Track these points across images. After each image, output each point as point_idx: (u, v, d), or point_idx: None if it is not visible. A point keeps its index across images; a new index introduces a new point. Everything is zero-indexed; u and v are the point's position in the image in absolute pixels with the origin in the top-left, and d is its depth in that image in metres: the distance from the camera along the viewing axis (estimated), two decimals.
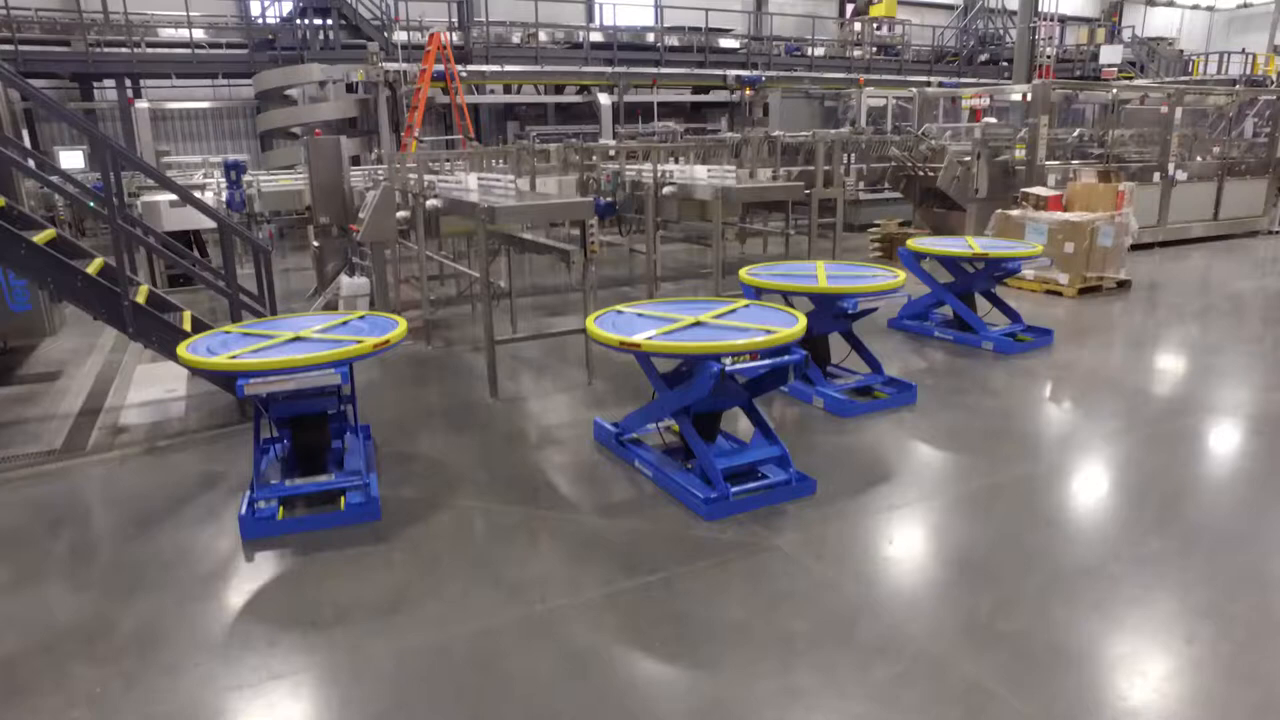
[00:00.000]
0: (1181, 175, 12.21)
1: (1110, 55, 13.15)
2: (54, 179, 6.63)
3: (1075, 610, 3.03)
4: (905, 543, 3.62)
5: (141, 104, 14.07)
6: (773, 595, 3.17)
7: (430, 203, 6.21)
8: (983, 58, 23.44)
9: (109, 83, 15.52)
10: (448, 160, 11.19)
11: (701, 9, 19.44)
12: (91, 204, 11.37)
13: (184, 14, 14.98)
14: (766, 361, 3.73)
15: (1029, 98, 10.86)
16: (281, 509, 3.85)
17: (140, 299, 5.14)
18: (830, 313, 5.11)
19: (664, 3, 21.54)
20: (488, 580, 3.35)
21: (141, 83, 15.71)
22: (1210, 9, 29.01)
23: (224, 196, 7.80)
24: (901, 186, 11.36)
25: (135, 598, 3.25)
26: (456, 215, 5.85)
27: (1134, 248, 11.50)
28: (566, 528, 3.76)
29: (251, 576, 3.42)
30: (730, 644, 2.87)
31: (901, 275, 5.26)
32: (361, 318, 4.46)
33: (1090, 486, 4.23)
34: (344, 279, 7.67)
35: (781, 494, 3.92)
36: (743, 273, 5.33)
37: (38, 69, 14.47)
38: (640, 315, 4.24)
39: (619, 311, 4.33)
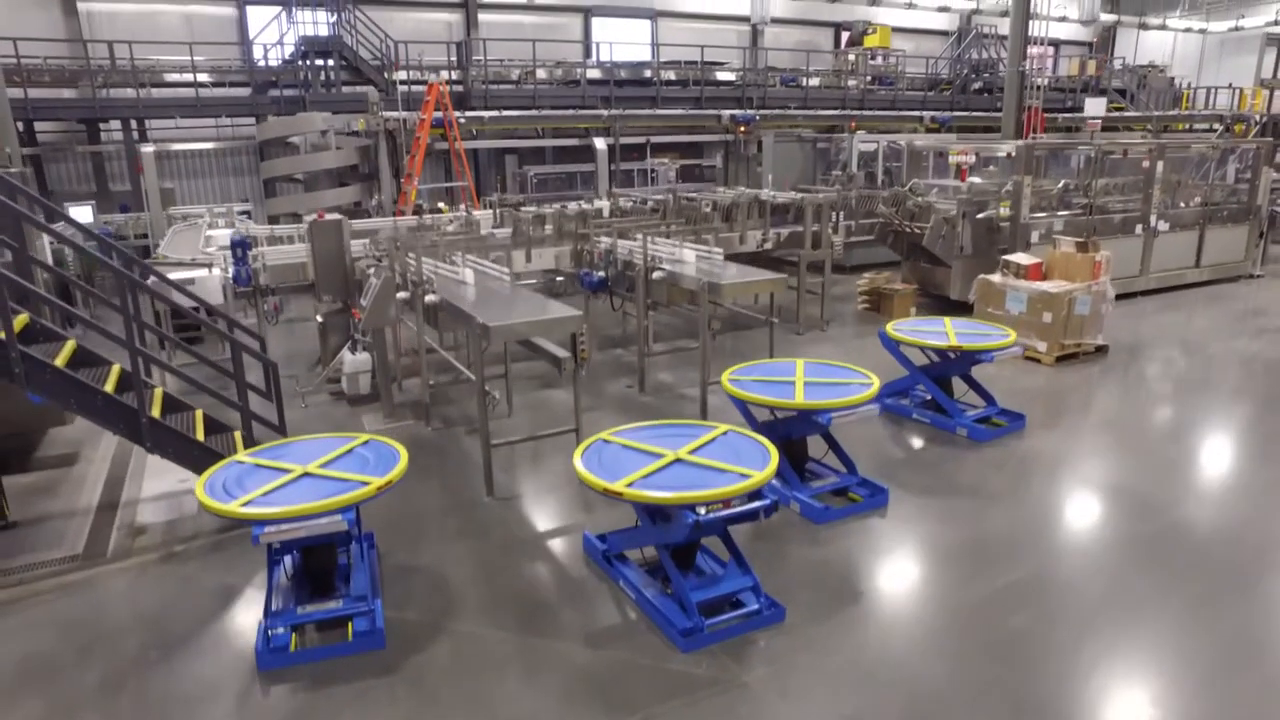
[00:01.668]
0: (1164, 226, 12.53)
1: (1095, 107, 13.48)
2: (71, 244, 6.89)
3: None
4: (868, 678, 3.92)
5: (148, 148, 14.37)
6: None
7: (429, 298, 6.51)
8: (976, 86, 23.76)
9: (115, 124, 15.82)
10: (450, 222, 11.55)
11: (697, 45, 19.76)
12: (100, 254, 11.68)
13: (189, 59, 15.29)
14: (739, 509, 4.05)
15: (1014, 155, 11.16)
16: (294, 637, 4.18)
17: (156, 408, 5.45)
18: (808, 422, 5.43)
19: (660, 40, 21.89)
20: (484, 718, 3.66)
21: (147, 123, 16.01)
22: (1203, 32, 29.32)
23: (230, 272, 8.10)
24: (889, 242, 11.66)
25: None
26: (453, 316, 6.15)
27: (1117, 297, 11.88)
28: (556, 659, 4.07)
29: (268, 715, 3.73)
30: None
31: (875, 383, 5.57)
32: (365, 443, 4.76)
33: (1053, 610, 4.53)
34: (346, 355, 8.00)
35: (753, 623, 4.23)
36: (725, 380, 5.64)
37: (45, 114, 14.81)
38: (625, 448, 4.55)
39: (605, 441, 4.65)
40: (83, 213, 11.96)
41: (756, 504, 4.10)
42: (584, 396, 7.50)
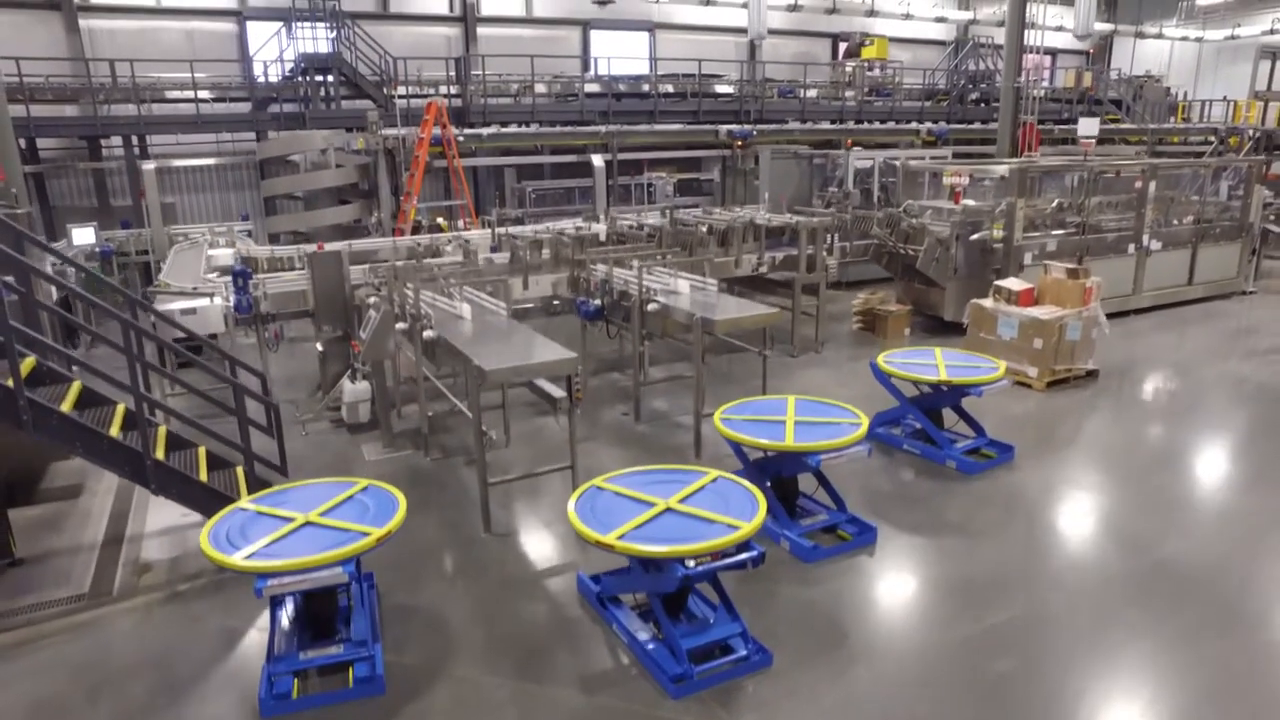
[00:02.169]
0: (1156, 245, 12.65)
1: (1088, 127, 13.59)
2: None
3: None
4: None
5: (149, 165, 14.47)
6: None
7: (427, 334, 6.63)
8: (973, 96, 23.87)
9: (116, 139, 15.93)
10: (448, 243, 11.64)
11: (696, 59, 19.89)
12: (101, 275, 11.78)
13: (189, 75, 15.41)
14: (726, 561, 4.17)
15: (1007, 177, 11.26)
16: (296, 683, 4.30)
17: (160, 449, 5.57)
18: (798, 462, 5.56)
19: (659, 52, 22.03)
20: None
21: (148, 139, 16.13)
22: (1199, 40, 29.42)
23: (231, 301, 8.20)
24: (884, 263, 11.78)
25: None
26: (450, 354, 6.27)
27: (1110, 315, 12.00)
28: (550, 706, 4.19)
29: None
30: None
31: (864, 423, 5.70)
32: (365, 489, 4.88)
33: (1038, 652, 4.65)
34: (346, 384, 8.13)
35: (742, 668, 4.36)
36: (718, 420, 5.77)
37: (48, 131, 14.93)
38: (618, 495, 4.67)
39: (599, 488, 4.77)
40: (85, 234, 12.05)
41: (744, 555, 4.23)
42: (580, 424, 7.65)
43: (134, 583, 5.50)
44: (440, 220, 14.59)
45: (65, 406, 5.19)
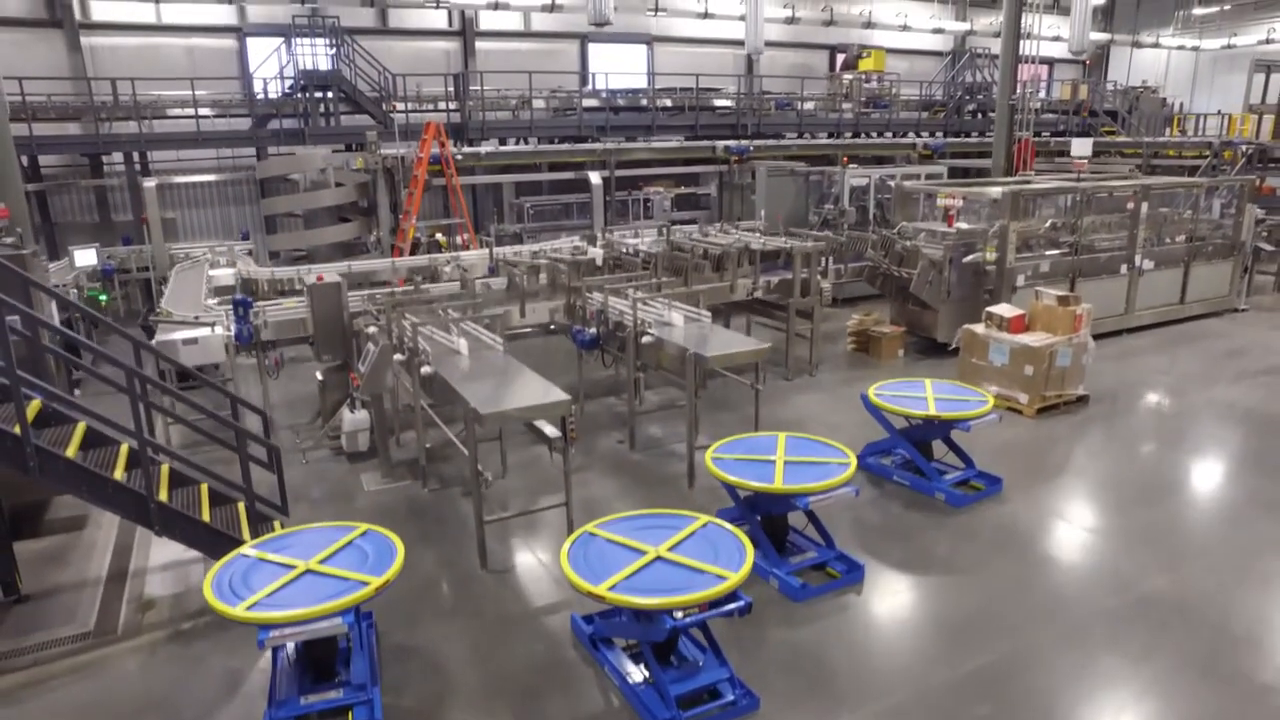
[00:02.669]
0: (1149, 264, 12.77)
1: (1081, 148, 13.72)
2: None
3: None
4: None
5: (149, 182, 14.59)
6: None
7: (424, 370, 6.75)
8: (970, 107, 23.99)
9: (117, 156, 16.06)
10: (446, 264, 11.75)
11: (693, 73, 20.02)
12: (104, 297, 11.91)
13: (189, 93, 15.54)
14: (714, 612, 4.30)
15: (1000, 201, 11.37)
16: None
17: (163, 490, 5.69)
18: (787, 502, 5.68)
19: (657, 64, 22.18)
20: None
21: (149, 155, 16.25)
22: (1195, 49, 29.57)
23: (232, 331, 8.32)
24: (878, 284, 11.90)
25: None
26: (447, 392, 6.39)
27: (1102, 335, 12.12)
28: None
29: None
30: None
31: (852, 464, 5.82)
32: (364, 534, 5.00)
33: (1021, 695, 4.77)
34: (346, 414, 8.25)
35: (729, 713, 4.48)
36: (709, 460, 5.89)
37: (50, 149, 15.05)
38: (610, 542, 4.79)
39: (591, 535, 4.89)
40: (87, 255, 12.18)
41: (731, 605, 4.35)
42: (576, 452, 7.77)
43: (138, 620, 5.62)
44: (439, 237, 14.73)
45: (71, 450, 5.30)
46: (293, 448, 8.64)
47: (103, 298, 12.26)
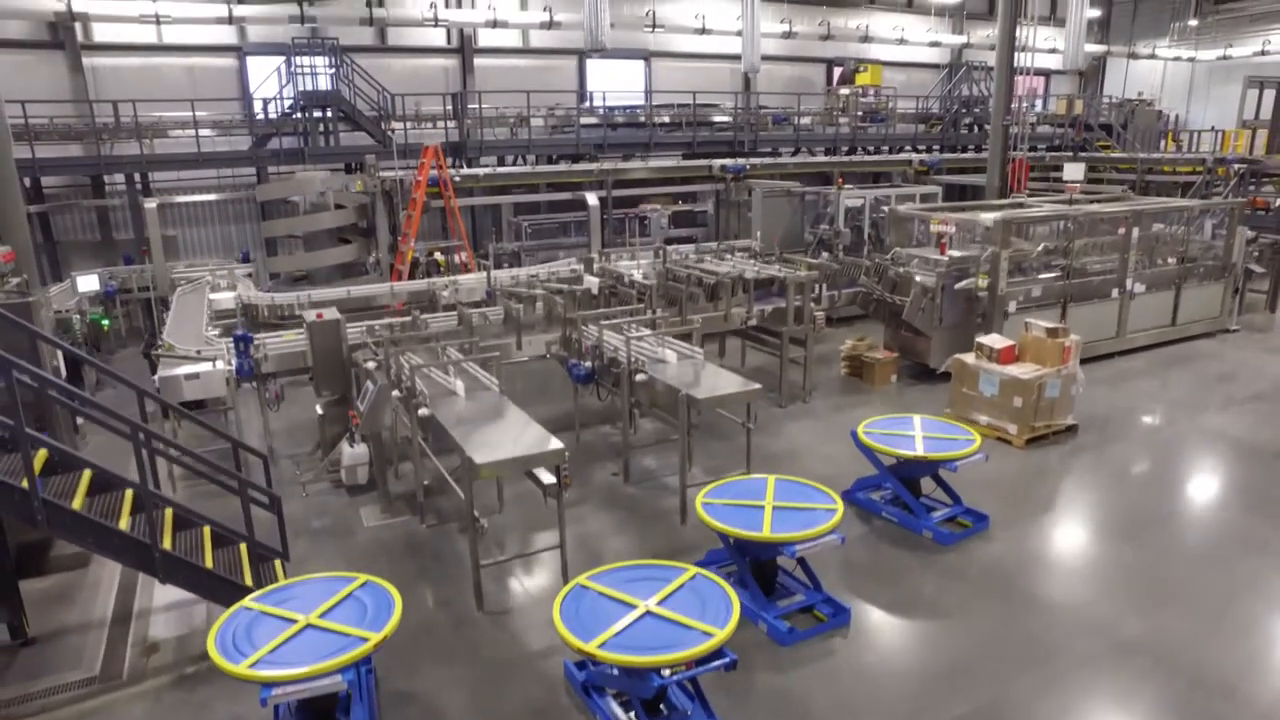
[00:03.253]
0: (1140, 288, 12.91)
1: (1074, 172, 13.87)
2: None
3: None
4: None
5: (150, 204, 14.73)
6: None
7: (422, 411, 6.90)
8: (966, 120, 24.12)
9: (119, 175, 16.20)
10: (444, 288, 11.88)
11: (690, 90, 20.17)
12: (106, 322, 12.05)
13: (190, 114, 15.69)
14: (700, 669, 4.44)
15: (991, 228, 11.50)
16: None
17: (167, 538, 5.82)
18: (775, 549, 5.83)
19: (655, 79, 22.32)
20: None
21: (150, 175, 16.38)
22: (1192, 60, 29.70)
23: (233, 365, 8.46)
24: (871, 310, 12.04)
25: None
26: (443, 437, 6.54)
27: (1094, 359, 12.26)
28: None
29: None
30: None
31: (839, 510, 5.96)
32: (363, 586, 5.15)
33: None
34: (345, 448, 8.39)
35: None
36: (699, 506, 6.03)
37: (52, 170, 15.19)
38: (601, 595, 4.94)
39: (583, 588, 5.03)
40: (89, 281, 12.34)
41: (717, 663, 4.50)
42: (573, 484, 7.95)
43: (143, 664, 5.77)
44: (438, 256, 14.86)
45: (77, 501, 5.44)
46: (293, 479, 8.79)
47: (105, 322, 12.42)
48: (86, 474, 5.95)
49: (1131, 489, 8.39)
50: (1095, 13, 29.01)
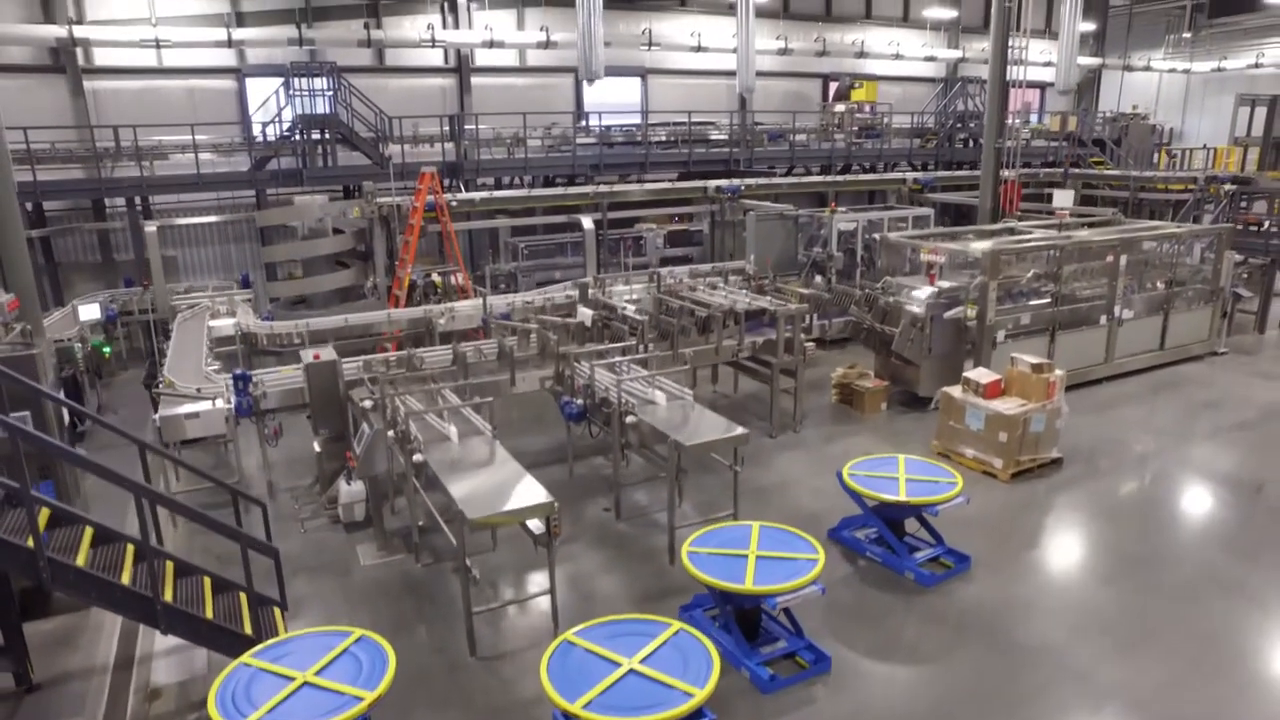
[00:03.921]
0: (1129, 313, 13.08)
1: (1063, 199, 14.04)
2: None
3: None
4: None
5: (150, 227, 14.89)
6: None
7: (416, 457, 7.07)
8: (962, 136, 24.28)
9: (120, 199, 16.39)
10: (440, 315, 12.07)
11: (686, 110, 20.36)
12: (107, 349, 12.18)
13: (190, 138, 15.88)
14: None
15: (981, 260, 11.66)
16: None
17: (168, 590, 5.99)
18: (756, 600, 6.01)
19: (651, 96, 22.52)
20: None
21: (150, 198, 16.57)
22: (1187, 72, 29.86)
23: (232, 404, 8.64)
24: (862, 338, 12.21)
25: None
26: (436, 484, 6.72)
27: (1083, 384, 12.43)
28: None
29: None
30: None
31: (820, 560, 6.13)
32: (358, 641, 5.31)
33: None
34: (342, 485, 8.57)
35: None
36: (684, 555, 6.21)
37: (53, 195, 15.38)
38: (587, 652, 5.11)
39: (570, 644, 5.21)
40: (90, 309, 12.52)
41: None
42: (564, 522, 8.10)
43: (145, 711, 5.94)
44: (435, 277, 15.03)
45: (81, 557, 5.61)
46: (292, 515, 8.96)
47: (106, 350, 12.59)
48: (89, 532, 6.11)
49: (1112, 526, 8.53)
50: (1090, 26, 29.21)
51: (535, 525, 6.36)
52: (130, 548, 6.14)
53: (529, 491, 6.32)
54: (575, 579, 7.57)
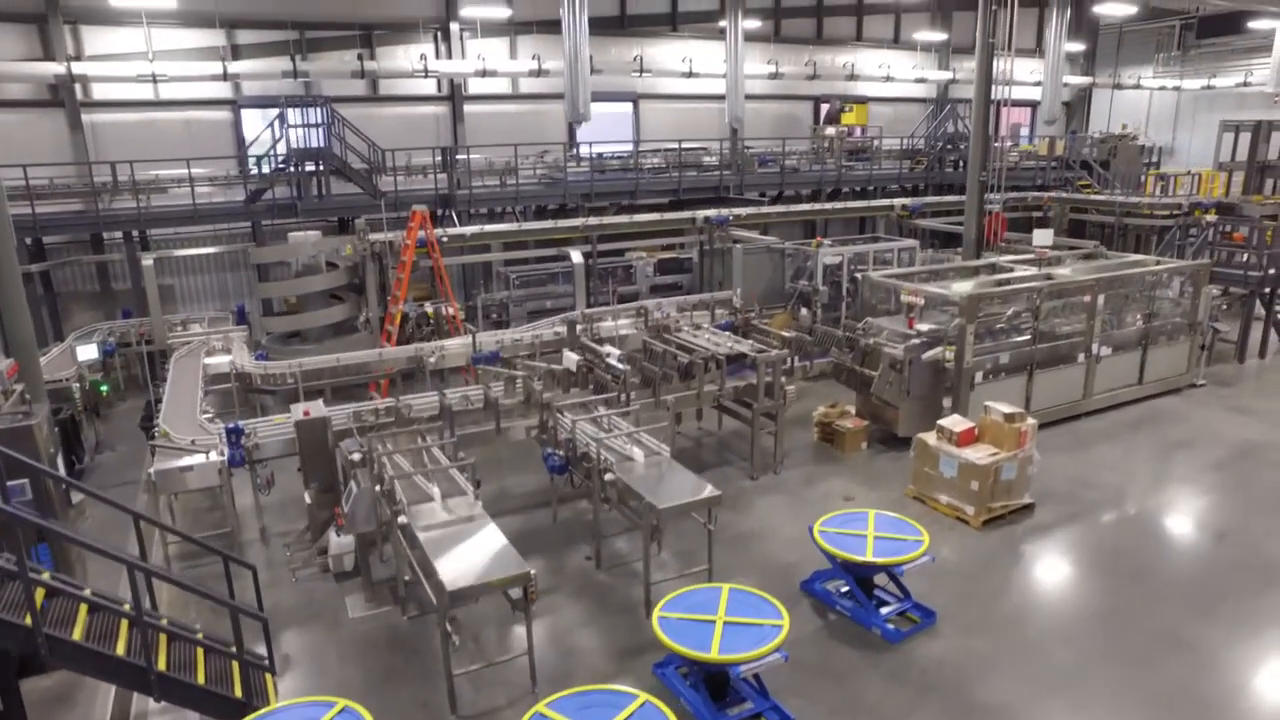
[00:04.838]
0: (1106, 351, 13.34)
1: (1042, 238, 14.34)
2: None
3: None
4: None
5: (147, 260, 15.14)
6: None
7: (401, 520, 7.35)
8: (952, 158, 24.54)
9: (118, 231, 16.67)
10: (430, 354, 12.34)
11: (677, 134, 20.65)
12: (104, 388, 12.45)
13: (186, 172, 16.16)
14: None
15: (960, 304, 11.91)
16: None
17: (161, 658, 6.26)
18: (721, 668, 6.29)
19: (643, 121, 22.81)
20: None
21: (148, 231, 16.84)
22: (1177, 89, 30.11)
23: (225, 455, 8.91)
24: (843, 378, 12.48)
25: None
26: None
27: (1060, 421, 12.69)
28: None
29: None
30: None
31: (785, 627, 6.41)
32: (341, 711, 5.58)
33: None
34: (333, 537, 8.85)
35: None
36: (655, 622, 6.48)
37: (52, 229, 15.67)
38: None
39: (542, 716, 5.48)
40: (88, 350, 12.79)
41: None
42: (544, 571, 8.44)
43: None
44: (428, 308, 15.31)
45: (77, 631, 5.88)
46: (284, 562, 9.24)
47: (104, 388, 12.87)
48: (84, 608, 6.36)
49: (1078, 578, 8.78)
50: (1080, 46, 29.49)
51: (513, 592, 6.62)
52: (124, 626, 6.41)
53: (507, 561, 6.59)
54: (555, 633, 7.84)
